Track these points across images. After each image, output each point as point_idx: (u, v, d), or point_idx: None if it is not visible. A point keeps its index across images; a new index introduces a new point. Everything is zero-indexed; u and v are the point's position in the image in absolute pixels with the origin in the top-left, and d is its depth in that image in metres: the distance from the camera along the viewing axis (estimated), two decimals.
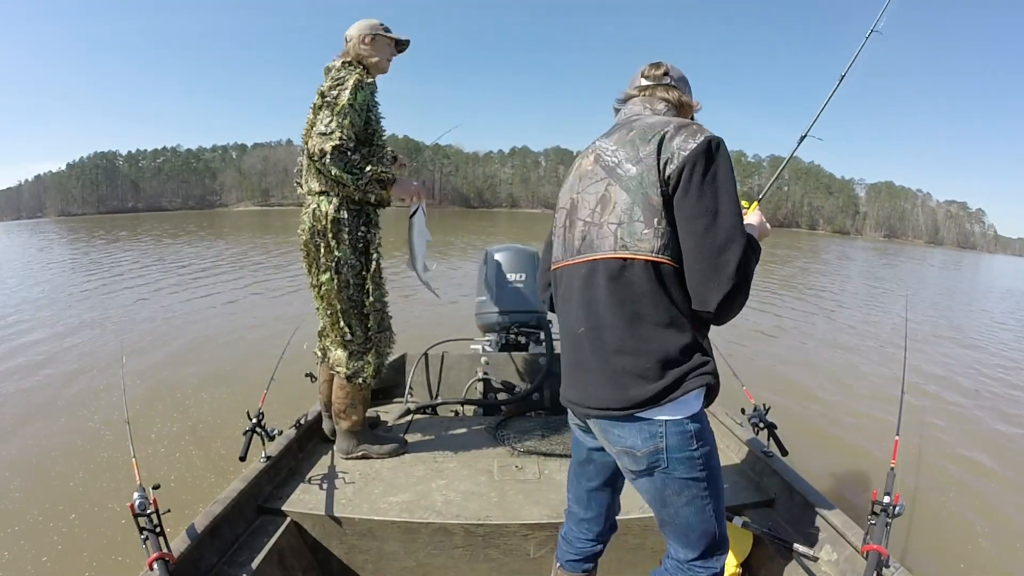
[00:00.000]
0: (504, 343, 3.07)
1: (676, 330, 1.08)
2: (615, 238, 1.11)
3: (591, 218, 1.17)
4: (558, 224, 1.30)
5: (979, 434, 4.25)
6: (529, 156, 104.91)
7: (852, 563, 1.48)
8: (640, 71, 1.35)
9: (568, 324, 1.23)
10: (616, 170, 1.15)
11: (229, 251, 17.21)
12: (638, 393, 1.08)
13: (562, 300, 1.26)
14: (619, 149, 1.16)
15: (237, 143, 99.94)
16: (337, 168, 1.80)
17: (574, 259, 1.20)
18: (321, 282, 1.99)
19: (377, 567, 1.79)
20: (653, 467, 1.12)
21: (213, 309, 8.22)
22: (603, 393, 1.13)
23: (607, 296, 1.10)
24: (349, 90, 1.84)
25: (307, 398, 2.52)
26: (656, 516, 1.23)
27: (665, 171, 1.07)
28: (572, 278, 1.20)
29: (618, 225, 1.11)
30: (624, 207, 1.11)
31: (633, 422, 1.11)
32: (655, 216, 1.07)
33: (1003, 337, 8.66)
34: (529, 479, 1.97)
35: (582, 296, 1.16)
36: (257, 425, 1.91)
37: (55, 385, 4.73)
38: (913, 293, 13.70)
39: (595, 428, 1.21)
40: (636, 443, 1.11)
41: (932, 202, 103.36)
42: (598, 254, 1.13)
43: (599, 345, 1.13)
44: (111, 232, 27.56)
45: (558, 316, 1.30)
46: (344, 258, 1.96)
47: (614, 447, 1.17)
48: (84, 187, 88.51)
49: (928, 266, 29.20)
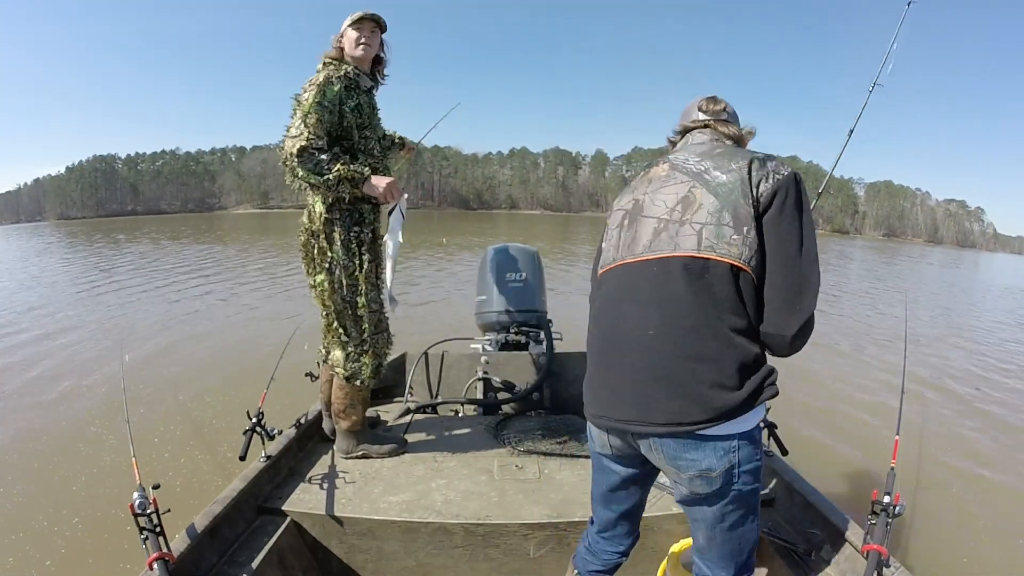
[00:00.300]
0: (504, 343, 3.06)
1: (750, 339, 1.06)
2: (699, 237, 1.07)
3: (669, 215, 1.13)
4: (611, 226, 1.26)
5: (980, 434, 4.25)
6: (528, 157, 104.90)
7: (852, 563, 1.48)
8: (696, 105, 1.34)
9: (622, 327, 1.13)
10: (703, 175, 1.13)
11: (226, 253, 17.21)
12: (720, 404, 1.01)
13: (614, 301, 1.17)
14: (703, 160, 1.16)
15: (236, 145, 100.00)
16: (304, 169, 1.78)
17: (640, 256, 1.14)
18: (317, 283, 1.99)
19: (377, 567, 1.78)
20: (726, 486, 1.07)
21: (213, 310, 8.22)
22: (673, 405, 1.03)
23: (691, 296, 1.05)
24: (315, 88, 1.82)
25: (307, 398, 2.52)
26: (702, 538, 1.17)
27: (758, 188, 1.08)
28: (637, 276, 1.13)
29: (703, 225, 1.08)
30: (712, 209, 1.08)
31: (707, 441, 1.04)
32: (744, 225, 1.06)
33: (1003, 335, 8.66)
34: (529, 479, 1.97)
35: (657, 294, 1.09)
36: (257, 425, 1.91)
37: (54, 387, 4.72)
38: (913, 292, 13.71)
39: (655, 453, 1.10)
40: (712, 464, 1.04)
41: (931, 201, 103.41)
42: (677, 252, 1.08)
43: (673, 349, 1.05)
44: (110, 235, 27.58)
45: (600, 320, 1.21)
46: (337, 258, 1.95)
47: (685, 472, 1.07)
48: (83, 190, 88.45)
49: (927, 265, 29.21)
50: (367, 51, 1.97)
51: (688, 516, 1.19)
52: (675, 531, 1.76)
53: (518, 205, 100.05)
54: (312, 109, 1.80)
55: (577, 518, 1.73)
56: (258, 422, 1.91)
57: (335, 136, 1.90)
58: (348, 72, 1.92)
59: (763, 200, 1.07)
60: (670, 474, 1.12)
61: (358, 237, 1.97)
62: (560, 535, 1.74)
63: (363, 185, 1.86)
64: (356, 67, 1.97)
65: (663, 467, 1.12)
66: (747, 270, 1.05)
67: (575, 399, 2.62)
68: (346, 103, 1.89)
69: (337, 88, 1.86)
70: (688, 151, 1.24)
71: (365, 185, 1.86)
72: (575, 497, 1.84)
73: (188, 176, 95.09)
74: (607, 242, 1.25)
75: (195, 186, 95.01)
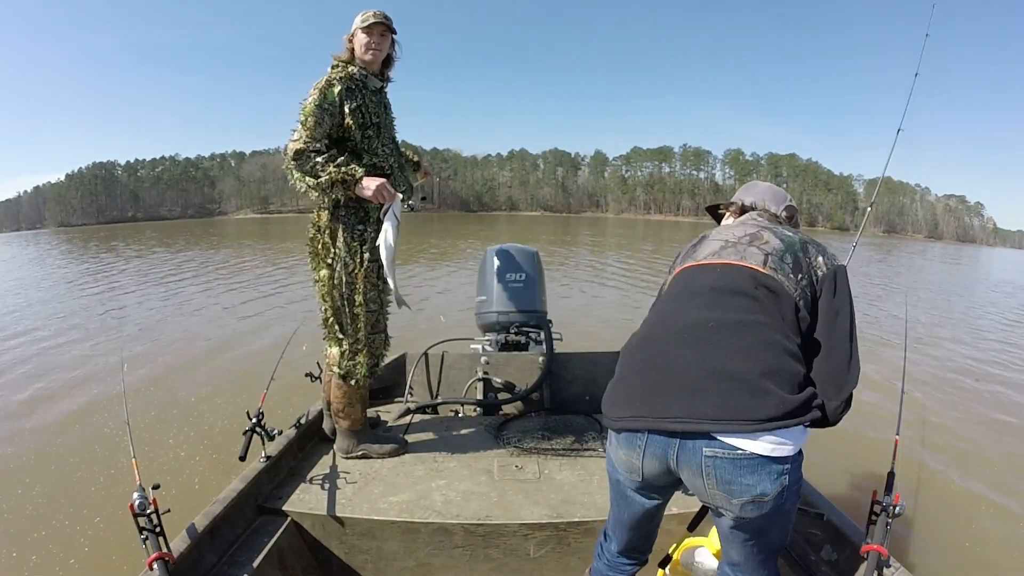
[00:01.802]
0: (504, 343, 3.07)
1: (803, 360, 1.08)
2: (765, 258, 1.15)
3: (736, 240, 1.22)
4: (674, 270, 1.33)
5: (980, 433, 4.23)
6: (527, 159, 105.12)
7: (852, 563, 1.47)
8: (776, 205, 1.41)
9: (675, 322, 1.12)
10: (770, 229, 1.25)
11: (227, 254, 17.24)
12: (777, 404, 0.96)
13: (682, 298, 1.17)
14: (769, 225, 1.28)
15: (235, 151, 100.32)
16: (300, 171, 1.83)
17: (702, 261, 1.22)
18: (319, 278, 2.01)
19: (377, 567, 1.78)
20: (776, 509, 1.01)
21: (213, 310, 8.23)
22: (733, 400, 0.96)
23: (755, 299, 1.09)
24: (316, 91, 1.85)
25: (307, 398, 2.53)
26: (737, 554, 1.14)
27: (814, 264, 1.17)
28: (699, 276, 1.20)
29: (768, 254, 1.16)
30: (776, 248, 1.17)
31: (763, 464, 0.97)
32: (801, 273, 1.14)
33: (1004, 334, 8.63)
34: (529, 479, 1.97)
35: (719, 293, 1.11)
36: (257, 425, 1.91)
37: (65, 389, 4.73)
38: (912, 290, 13.68)
39: (705, 478, 1.00)
40: (766, 488, 0.97)
41: (931, 196, 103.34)
42: (744, 262, 1.16)
43: (736, 343, 1.02)
44: (109, 242, 27.61)
45: (649, 323, 1.19)
46: (338, 255, 1.96)
47: (737, 498, 0.99)
48: (83, 197, 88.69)
49: (928, 260, 29.18)
50: (376, 55, 1.99)
51: (722, 532, 1.15)
52: (675, 531, 1.75)
53: (518, 207, 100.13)
54: (311, 112, 1.82)
55: (577, 518, 1.73)
56: (258, 422, 1.92)
57: (337, 137, 1.92)
58: (353, 74, 1.93)
59: (819, 281, 1.15)
60: (717, 499, 1.02)
61: (361, 235, 1.98)
62: (560, 535, 1.74)
63: (355, 187, 1.87)
64: (363, 68, 1.98)
65: (711, 492, 1.01)
66: (801, 307, 1.11)
67: (575, 399, 2.63)
68: (347, 104, 1.90)
69: (338, 90, 1.87)
70: (750, 219, 1.36)
71: (356, 187, 1.87)
72: (575, 497, 1.84)
73: (188, 182, 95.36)
74: (674, 273, 1.31)
75: (195, 192, 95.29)
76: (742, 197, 1.46)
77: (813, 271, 1.16)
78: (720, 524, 1.13)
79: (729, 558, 1.19)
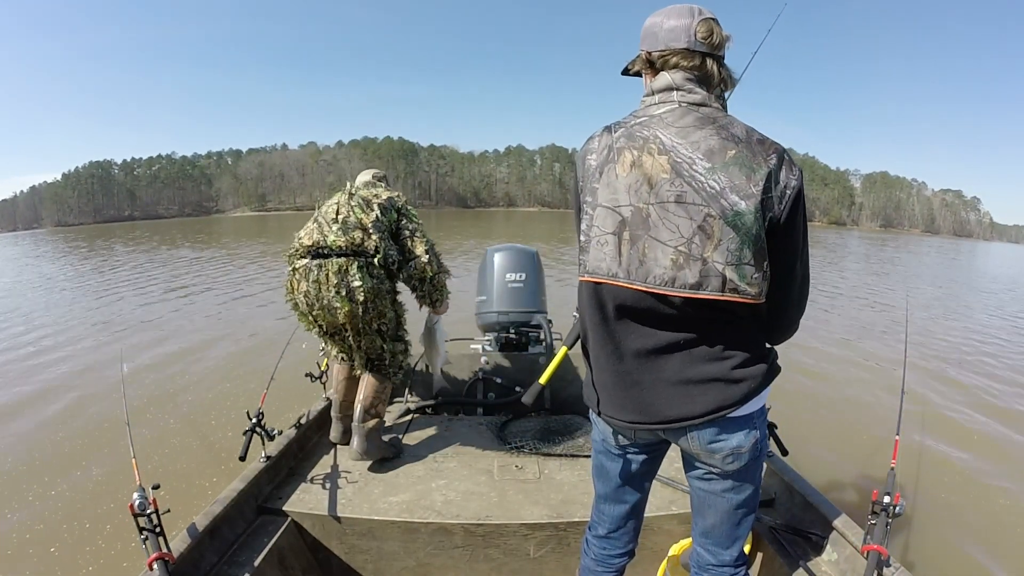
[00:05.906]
0: (504, 343, 3.07)
1: (761, 332, 1.14)
2: (723, 279, 1.01)
3: (687, 249, 1.02)
4: (602, 227, 1.09)
5: (980, 433, 4.23)
6: (524, 155, 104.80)
7: (852, 563, 1.48)
8: (694, 27, 1.08)
9: (639, 346, 1.11)
10: (719, 200, 0.99)
11: (225, 255, 17.19)
12: (747, 386, 1.09)
13: (620, 321, 1.12)
14: (714, 169, 1.00)
15: (232, 149, 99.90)
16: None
17: (657, 288, 1.04)
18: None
19: (377, 567, 1.79)
20: (752, 460, 1.14)
21: (212, 311, 8.21)
22: (709, 398, 1.09)
23: (715, 322, 1.07)
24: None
25: (307, 398, 2.53)
26: (713, 517, 1.22)
27: (774, 207, 1.01)
28: (655, 304, 1.06)
29: (726, 265, 1.00)
30: (733, 247, 1.00)
31: (737, 422, 1.11)
32: (763, 259, 1.03)
33: (1004, 333, 8.62)
34: (529, 479, 1.97)
35: (679, 322, 1.08)
36: (257, 425, 1.91)
37: (65, 389, 4.73)
38: (912, 287, 13.70)
39: (691, 442, 1.13)
40: (741, 441, 1.12)
41: (927, 191, 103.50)
42: (701, 293, 1.02)
43: (693, 359, 1.09)
44: (107, 241, 27.52)
45: (601, 335, 1.15)
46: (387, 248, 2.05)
47: (719, 454, 1.13)
48: (80, 197, 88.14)
49: (925, 255, 29.22)
50: None
51: (699, 501, 1.23)
52: (675, 531, 1.76)
53: (516, 203, 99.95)
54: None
55: (577, 518, 1.73)
56: (258, 422, 1.91)
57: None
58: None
59: (779, 220, 1.02)
60: (702, 457, 1.16)
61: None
62: (560, 535, 1.74)
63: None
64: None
65: (696, 452, 1.15)
66: (764, 302, 1.08)
67: (575, 399, 2.63)
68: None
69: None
70: (685, 135, 1.04)
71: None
72: (575, 497, 1.84)
73: (185, 180, 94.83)
74: (599, 246, 1.10)
75: (192, 190, 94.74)
76: (657, 48, 1.10)
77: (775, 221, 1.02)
78: (699, 490, 1.22)
79: (701, 526, 1.25)
